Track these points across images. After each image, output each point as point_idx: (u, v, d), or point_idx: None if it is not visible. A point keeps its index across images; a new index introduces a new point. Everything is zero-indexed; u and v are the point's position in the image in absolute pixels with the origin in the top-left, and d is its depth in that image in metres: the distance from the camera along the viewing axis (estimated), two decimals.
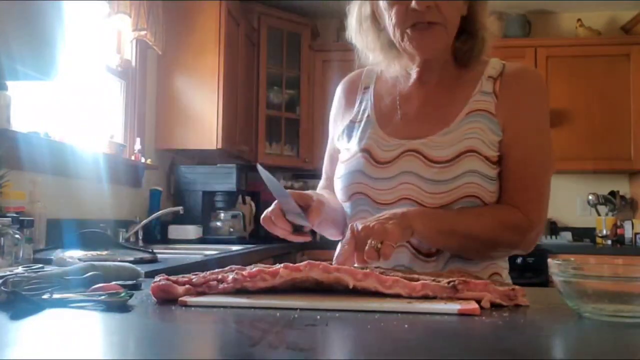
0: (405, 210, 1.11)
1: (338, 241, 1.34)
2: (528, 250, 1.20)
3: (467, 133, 1.18)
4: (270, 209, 1.13)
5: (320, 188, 1.41)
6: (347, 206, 1.29)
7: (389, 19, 1.20)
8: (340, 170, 1.29)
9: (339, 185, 1.28)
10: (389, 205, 1.20)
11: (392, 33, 1.21)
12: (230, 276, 0.88)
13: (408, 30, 1.18)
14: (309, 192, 1.24)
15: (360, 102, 1.34)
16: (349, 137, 1.31)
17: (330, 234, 1.33)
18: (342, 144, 1.32)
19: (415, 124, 1.24)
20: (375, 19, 1.25)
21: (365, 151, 1.25)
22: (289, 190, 1.12)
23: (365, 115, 1.31)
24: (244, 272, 0.89)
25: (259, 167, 1.12)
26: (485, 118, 1.19)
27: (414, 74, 1.29)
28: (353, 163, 1.25)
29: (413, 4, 1.14)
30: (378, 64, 1.30)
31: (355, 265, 1.02)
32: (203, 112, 3.66)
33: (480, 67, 1.25)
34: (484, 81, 1.23)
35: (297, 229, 1.14)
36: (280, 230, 1.12)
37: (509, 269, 1.28)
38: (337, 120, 1.38)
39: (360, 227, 1.05)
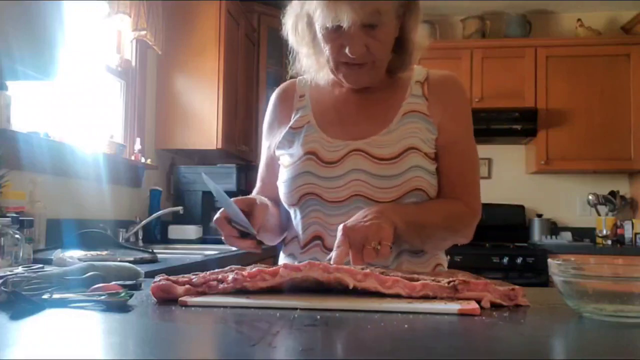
0: (379, 207, 1.15)
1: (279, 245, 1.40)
2: (469, 238, 1.30)
3: (407, 132, 1.26)
4: (215, 216, 1.16)
5: (255, 194, 1.41)
6: (294, 209, 1.30)
7: (324, 47, 1.23)
8: (285, 175, 1.30)
9: (284, 189, 1.30)
10: (340, 203, 1.24)
11: (326, 57, 1.25)
12: (230, 276, 0.88)
13: (341, 66, 1.24)
14: (253, 196, 1.27)
15: (297, 110, 1.36)
16: (291, 142, 1.32)
17: (268, 239, 1.35)
18: (283, 151, 1.33)
19: (356, 125, 1.29)
20: (311, 25, 1.25)
21: (311, 153, 1.28)
22: (233, 199, 1.15)
23: (306, 121, 1.33)
24: (244, 272, 0.88)
25: (204, 176, 1.16)
26: (420, 119, 1.27)
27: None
28: (299, 166, 1.28)
29: (347, 50, 1.19)
30: (309, 69, 1.32)
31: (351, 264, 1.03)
32: (203, 112, 3.66)
33: (408, 73, 1.33)
34: (413, 85, 1.31)
35: (245, 236, 1.16)
36: (227, 238, 1.15)
37: (445, 257, 1.38)
38: (273, 129, 1.40)
39: (354, 227, 1.07)
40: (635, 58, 4.35)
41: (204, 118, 3.66)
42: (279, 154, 1.35)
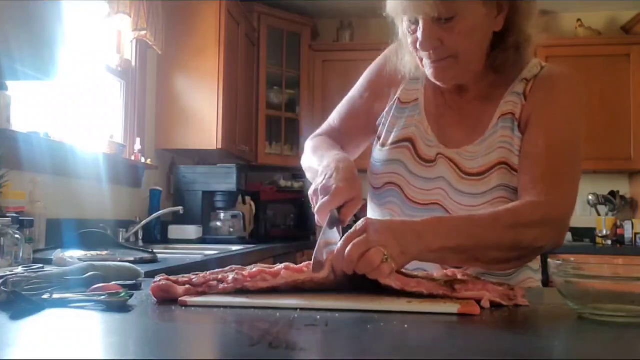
0: (414, 225, 0.96)
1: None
2: (560, 243, 1.07)
3: (498, 141, 1.16)
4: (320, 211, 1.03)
5: (324, 132, 1.35)
6: (375, 194, 1.25)
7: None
8: (380, 155, 1.25)
9: (374, 169, 1.25)
10: (419, 205, 1.19)
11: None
12: (231, 276, 0.88)
13: (424, 61, 1.15)
14: (352, 171, 1.09)
15: (412, 80, 1.27)
16: (396, 118, 1.26)
17: None
18: (382, 125, 1.27)
19: (451, 132, 1.21)
20: None
21: (409, 141, 1.22)
22: (340, 185, 1.02)
23: (414, 97, 1.26)
24: (244, 272, 0.88)
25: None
26: (511, 122, 1.16)
27: None
28: (396, 151, 1.23)
29: (418, 44, 1.11)
30: (407, 64, 1.23)
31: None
32: (203, 112, 3.66)
33: (519, 69, 1.19)
34: (517, 83, 1.19)
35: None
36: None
37: (541, 278, 1.25)
38: (380, 79, 1.30)
39: (378, 227, 0.91)
40: (635, 58, 4.35)
41: (204, 118, 3.66)
42: (378, 124, 1.28)
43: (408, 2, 1.07)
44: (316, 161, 1.19)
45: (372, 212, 1.27)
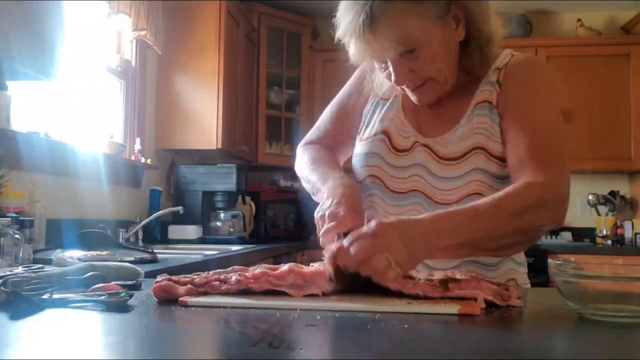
0: (423, 225, 0.96)
1: None
2: (560, 221, 1.06)
3: (474, 128, 1.19)
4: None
5: (317, 140, 1.39)
6: (359, 187, 1.29)
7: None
8: (359, 149, 1.31)
9: (356, 164, 1.31)
10: (400, 194, 1.23)
11: None
12: (234, 277, 0.88)
13: (404, 88, 1.20)
14: (355, 199, 1.12)
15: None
16: (373, 113, 1.31)
17: None
18: (366, 119, 1.32)
19: (429, 125, 1.25)
20: None
21: (385, 134, 1.27)
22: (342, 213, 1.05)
23: (393, 94, 1.30)
24: (247, 274, 0.88)
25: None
26: (488, 110, 1.19)
27: None
28: (372, 144, 1.27)
29: (393, 80, 1.16)
30: (382, 84, 1.29)
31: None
32: (203, 112, 3.66)
33: (491, 61, 1.23)
34: (490, 73, 1.22)
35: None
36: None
37: (526, 271, 1.29)
38: (367, 81, 1.32)
39: (387, 231, 0.91)
40: (635, 58, 4.35)
41: (204, 118, 3.65)
42: (362, 121, 1.33)
43: (368, 50, 1.11)
44: (317, 178, 1.24)
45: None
